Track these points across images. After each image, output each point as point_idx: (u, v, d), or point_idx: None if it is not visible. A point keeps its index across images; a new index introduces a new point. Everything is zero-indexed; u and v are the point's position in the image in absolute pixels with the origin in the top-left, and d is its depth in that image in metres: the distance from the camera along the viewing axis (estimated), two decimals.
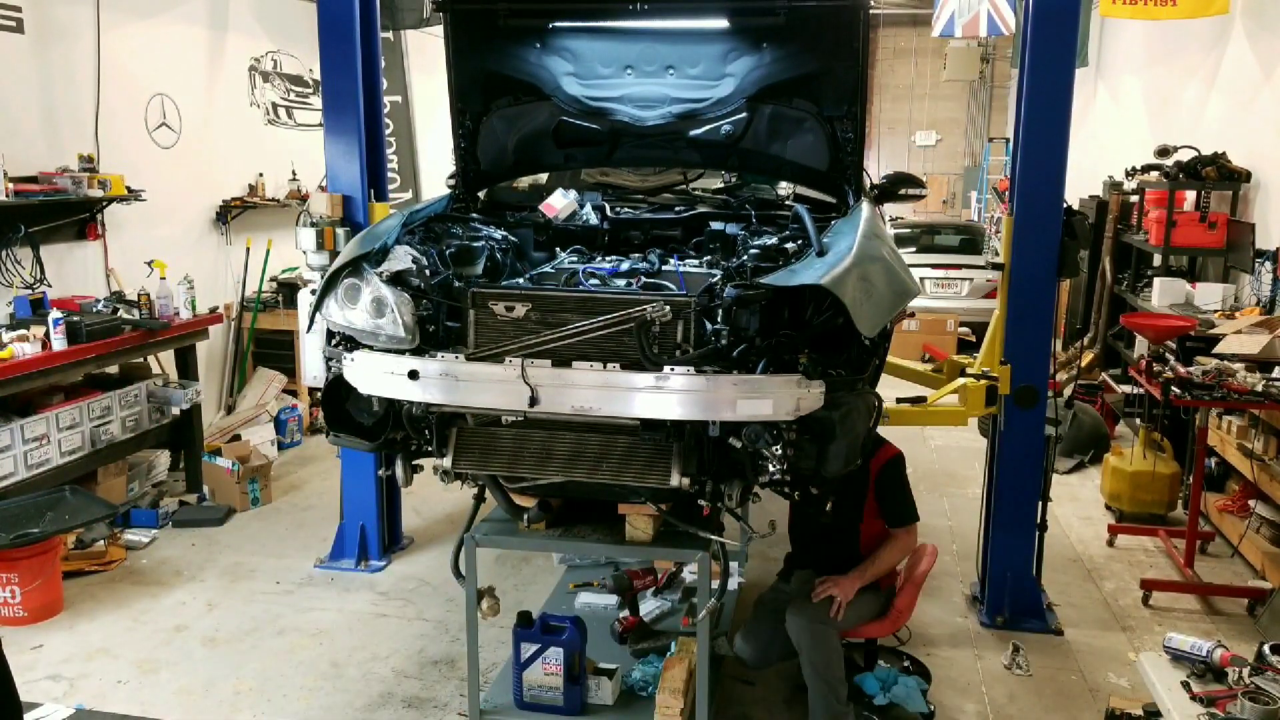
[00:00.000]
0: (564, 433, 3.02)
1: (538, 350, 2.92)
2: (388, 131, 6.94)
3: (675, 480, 2.93)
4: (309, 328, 3.52)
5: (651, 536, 3.29)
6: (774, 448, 2.85)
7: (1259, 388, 4.61)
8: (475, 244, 3.62)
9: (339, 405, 3.30)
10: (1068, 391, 7.15)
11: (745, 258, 3.39)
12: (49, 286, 5.63)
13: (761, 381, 2.80)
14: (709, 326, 2.96)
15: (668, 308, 2.86)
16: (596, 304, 2.94)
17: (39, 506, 4.66)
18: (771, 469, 2.89)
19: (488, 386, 2.93)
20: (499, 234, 3.81)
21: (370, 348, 3.12)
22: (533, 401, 2.88)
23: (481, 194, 4.38)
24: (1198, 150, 6.91)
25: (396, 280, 3.14)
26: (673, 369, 2.81)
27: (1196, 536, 5.07)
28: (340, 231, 4.73)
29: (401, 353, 3.05)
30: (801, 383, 2.80)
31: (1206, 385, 4.71)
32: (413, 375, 2.96)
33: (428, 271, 3.23)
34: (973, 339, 10.59)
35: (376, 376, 3.06)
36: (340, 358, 3.17)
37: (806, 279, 2.84)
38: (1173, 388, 4.79)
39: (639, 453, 2.97)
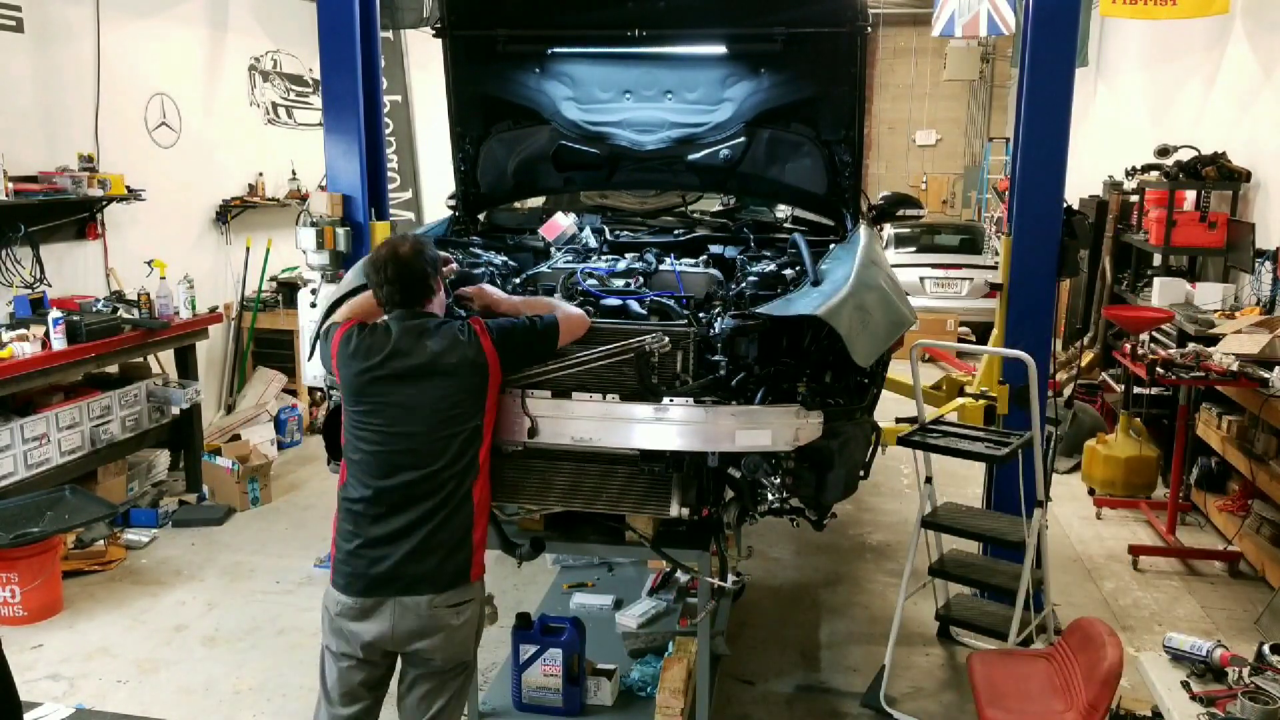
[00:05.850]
0: (564, 463, 3.02)
1: (537, 381, 2.91)
2: (388, 131, 6.94)
3: (674, 510, 2.94)
4: (310, 355, 3.51)
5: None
6: (773, 477, 2.86)
7: (1234, 368, 4.90)
8: (475, 270, 3.61)
9: (339, 434, 3.29)
10: (1068, 391, 7.16)
11: (744, 284, 3.38)
12: (49, 286, 5.63)
13: (760, 412, 2.79)
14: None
15: (666, 339, 2.85)
16: (595, 334, 2.93)
17: (39, 506, 4.66)
18: (770, 497, 2.89)
19: None
20: (499, 259, 3.80)
21: None
22: (532, 432, 2.88)
23: (481, 216, 4.39)
24: (1198, 150, 6.90)
25: None
26: (671, 400, 2.81)
27: (1178, 508, 5.65)
28: (340, 231, 4.73)
29: None
30: (800, 413, 2.80)
31: (1186, 365, 5.14)
32: None
33: None
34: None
35: None
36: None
37: (803, 309, 2.84)
38: (1157, 368, 5.13)
39: (638, 483, 2.98)
